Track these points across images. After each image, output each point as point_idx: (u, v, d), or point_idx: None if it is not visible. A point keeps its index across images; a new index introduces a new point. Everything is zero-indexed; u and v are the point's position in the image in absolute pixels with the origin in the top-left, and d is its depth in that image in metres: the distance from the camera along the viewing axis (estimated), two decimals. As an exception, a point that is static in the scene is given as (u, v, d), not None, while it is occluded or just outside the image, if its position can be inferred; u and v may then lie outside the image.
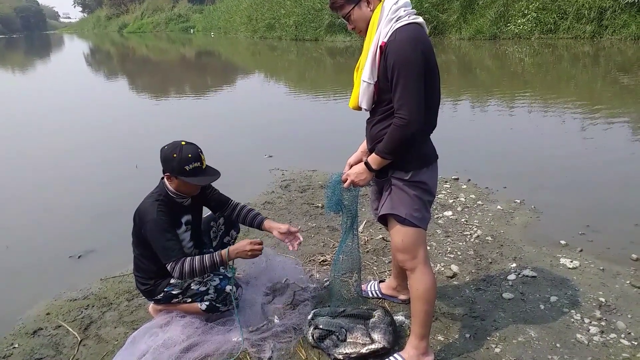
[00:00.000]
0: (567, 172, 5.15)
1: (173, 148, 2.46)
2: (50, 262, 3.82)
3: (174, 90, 14.01)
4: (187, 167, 2.43)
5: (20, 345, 2.73)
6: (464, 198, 4.49)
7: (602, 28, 15.03)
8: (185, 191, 2.57)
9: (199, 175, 2.48)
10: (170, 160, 2.44)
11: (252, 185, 4.99)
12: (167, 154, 2.46)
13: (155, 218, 2.43)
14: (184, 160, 2.42)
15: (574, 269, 3.21)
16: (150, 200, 2.51)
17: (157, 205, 2.47)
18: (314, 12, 23.40)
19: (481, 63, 14.02)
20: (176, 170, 2.43)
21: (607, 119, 7.26)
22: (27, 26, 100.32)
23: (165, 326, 2.64)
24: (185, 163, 2.42)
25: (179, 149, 2.44)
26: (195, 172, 2.46)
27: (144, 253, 2.61)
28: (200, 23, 41.31)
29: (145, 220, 2.45)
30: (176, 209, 2.59)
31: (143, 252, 2.61)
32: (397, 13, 2.02)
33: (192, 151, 2.46)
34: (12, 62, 28.08)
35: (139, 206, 2.57)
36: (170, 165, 2.44)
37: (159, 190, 2.57)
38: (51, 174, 6.05)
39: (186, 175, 2.44)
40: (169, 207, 2.53)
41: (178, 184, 2.51)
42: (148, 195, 2.60)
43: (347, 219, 2.52)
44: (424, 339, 2.31)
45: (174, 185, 2.53)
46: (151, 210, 2.45)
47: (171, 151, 2.45)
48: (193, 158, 2.45)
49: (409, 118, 1.98)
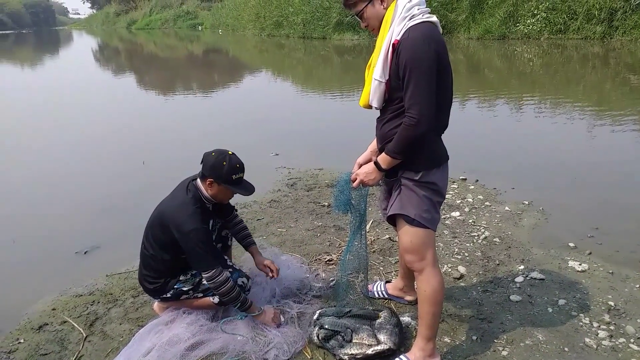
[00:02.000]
0: (575, 173, 5.10)
1: (222, 156, 2.50)
2: (56, 257, 3.83)
3: (182, 86, 14.04)
4: (234, 176, 2.50)
5: (25, 340, 2.74)
6: (472, 199, 4.45)
7: (613, 29, 14.88)
8: (221, 198, 2.61)
9: (241, 185, 2.55)
10: (219, 167, 2.48)
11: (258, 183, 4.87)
12: (216, 161, 2.49)
13: (199, 228, 2.46)
14: (233, 169, 2.49)
15: (583, 272, 3.17)
16: (192, 208, 2.49)
17: (199, 214, 2.50)
18: (322, 10, 23.32)
19: (490, 63, 13.93)
20: (223, 178, 2.48)
21: (616, 120, 7.19)
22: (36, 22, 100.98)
23: (170, 323, 2.63)
24: (233, 172, 2.49)
25: (227, 157, 2.50)
26: (239, 182, 2.54)
27: (162, 255, 2.58)
28: (208, 20, 41.34)
29: (185, 229, 2.44)
30: (206, 213, 2.63)
31: (162, 254, 2.58)
32: (411, 11, 2.00)
33: (239, 162, 2.54)
34: (21, 57, 28.23)
35: (173, 211, 2.51)
36: (219, 173, 2.48)
37: (193, 195, 2.55)
38: (58, 169, 6.08)
39: (232, 184, 2.50)
40: (204, 214, 2.57)
41: (219, 191, 2.54)
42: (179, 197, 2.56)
43: (355, 219, 2.50)
44: (431, 340, 2.29)
45: (213, 191, 2.55)
46: (195, 220, 2.46)
47: (221, 158, 2.49)
48: (240, 168, 2.53)
49: (419, 117, 1.96)
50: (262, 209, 4.43)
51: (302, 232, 3.95)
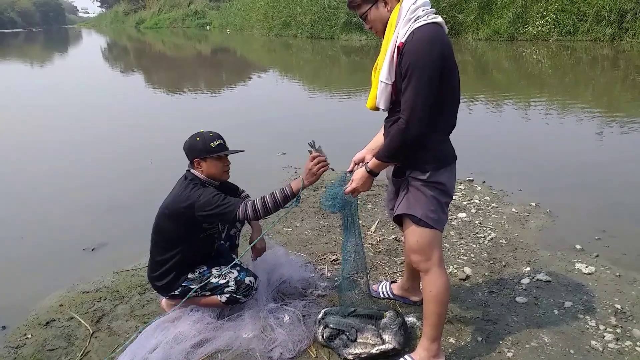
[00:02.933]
0: (583, 175, 5.08)
1: (194, 135, 2.59)
2: (64, 254, 3.86)
3: (189, 85, 14.08)
4: (212, 144, 2.53)
5: (33, 335, 2.76)
6: (479, 200, 4.44)
7: (623, 31, 14.78)
8: (215, 173, 2.60)
9: (225, 150, 2.58)
10: (195, 144, 2.53)
11: (265, 182, 4.96)
12: (190, 141, 2.57)
13: (202, 190, 2.47)
14: (208, 139, 2.54)
15: (590, 275, 3.16)
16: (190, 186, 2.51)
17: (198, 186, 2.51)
18: (330, 10, 23.35)
19: (498, 64, 13.88)
20: (203, 150, 2.52)
21: (624, 122, 7.15)
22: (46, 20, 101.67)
23: (176, 321, 2.64)
24: (209, 141, 2.54)
25: (199, 134, 2.58)
26: (221, 147, 2.56)
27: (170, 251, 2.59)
28: (217, 20, 41.48)
29: (193, 198, 2.44)
30: None
31: (169, 250, 2.59)
32: (416, 13, 1.99)
33: (213, 132, 2.60)
34: (31, 55, 28.44)
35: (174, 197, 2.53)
36: (197, 149, 2.53)
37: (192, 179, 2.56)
38: (66, 166, 6.12)
39: (213, 152, 2.53)
40: None
41: (208, 166, 2.56)
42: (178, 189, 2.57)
43: (349, 217, 2.51)
44: (436, 341, 2.29)
45: (204, 169, 2.57)
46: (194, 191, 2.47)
47: (193, 137, 2.58)
48: (215, 136, 2.58)
49: (409, 121, 1.96)
50: (268, 208, 4.43)
51: (307, 231, 3.95)
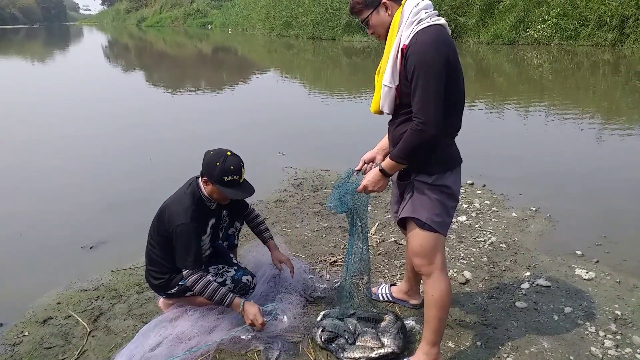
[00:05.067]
0: (584, 180, 5.07)
1: (218, 156, 2.50)
2: (62, 251, 3.85)
3: (190, 84, 14.07)
4: (226, 177, 2.47)
5: (30, 333, 2.74)
6: (479, 204, 4.43)
7: (624, 36, 14.78)
8: (217, 198, 2.60)
9: (234, 188, 2.52)
10: (212, 167, 2.48)
11: (265, 182, 4.96)
12: (210, 160, 2.50)
13: (188, 223, 2.47)
14: (226, 171, 2.47)
15: (590, 280, 3.15)
16: (186, 203, 2.52)
17: (191, 211, 2.50)
18: (332, 11, 23.34)
19: (499, 68, 13.88)
20: (215, 178, 2.48)
21: (625, 127, 7.15)
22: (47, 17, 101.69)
23: (175, 320, 2.63)
24: (225, 174, 2.47)
25: (223, 158, 2.49)
26: (232, 184, 2.51)
27: (163, 250, 2.61)
28: (218, 19, 41.48)
29: (176, 222, 2.48)
30: (205, 212, 2.63)
31: (163, 248, 2.60)
32: (419, 15, 1.99)
33: (235, 164, 2.50)
34: (31, 52, 28.42)
35: (169, 205, 2.57)
36: (211, 172, 2.48)
37: (192, 191, 2.57)
38: (64, 163, 6.11)
39: (223, 185, 2.49)
40: (201, 212, 2.57)
41: (212, 190, 2.55)
42: (179, 193, 2.61)
43: (357, 220, 2.49)
44: (435, 345, 2.28)
45: (208, 190, 2.56)
46: (185, 215, 2.48)
47: (215, 158, 2.49)
48: (234, 171, 2.49)
49: (425, 123, 1.95)
50: (267, 209, 4.43)
51: (307, 232, 3.94)
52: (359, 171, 2.44)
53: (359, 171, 2.44)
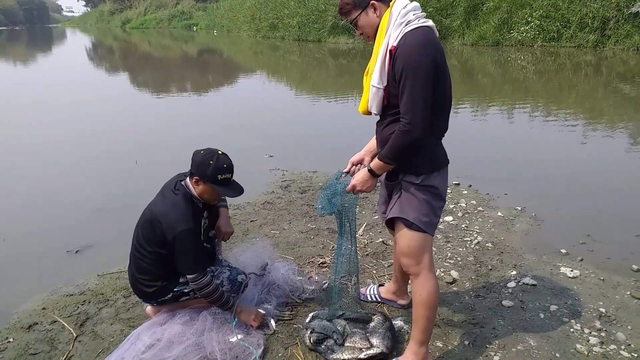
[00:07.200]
0: (568, 180, 5.13)
1: (210, 155, 2.49)
2: (47, 256, 3.80)
3: (176, 87, 13.99)
4: (220, 176, 2.47)
5: (15, 339, 2.71)
6: (465, 204, 4.47)
7: (605, 38, 15.02)
8: (207, 198, 2.58)
9: (227, 186, 2.52)
10: (205, 166, 2.46)
11: (252, 184, 4.95)
12: (203, 159, 2.48)
13: (190, 228, 2.45)
14: (219, 169, 2.46)
15: (575, 279, 3.19)
16: (183, 208, 2.48)
17: (190, 215, 2.48)
18: (317, 13, 23.35)
19: (483, 69, 14.01)
20: (208, 176, 2.46)
21: (608, 128, 7.27)
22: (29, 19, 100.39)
23: (165, 324, 2.61)
24: (219, 172, 2.46)
25: (215, 157, 2.48)
26: (225, 182, 2.51)
27: (156, 258, 2.55)
28: (203, 21, 41.25)
29: (178, 229, 2.42)
30: (198, 213, 2.60)
31: (156, 257, 2.54)
32: (407, 17, 2.00)
33: (227, 162, 2.51)
34: (13, 55, 28.01)
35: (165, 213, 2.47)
36: (204, 171, 2.46)
37: (184, 194, 2.53)
38: (49, 167, 6.03)
39: (217, 184, 2.48)
40: (195, 214, 2.55)
41: (204, 190, 2.53)
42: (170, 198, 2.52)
43: (345, 221, 2.50)
44: (424, 345, 2.29)
45: (199, 190, 2.54)
46: (186, 221, 2.45)
47: (208, 157, 2.48)
48: (227, 169, 2.49)
49: (412, 124, 1.97)
50: (255, 211, 4.42)
51: (295, 234, 3.94)
52: (347, 173, 2.44)
53: (347, 173, 2.44)
